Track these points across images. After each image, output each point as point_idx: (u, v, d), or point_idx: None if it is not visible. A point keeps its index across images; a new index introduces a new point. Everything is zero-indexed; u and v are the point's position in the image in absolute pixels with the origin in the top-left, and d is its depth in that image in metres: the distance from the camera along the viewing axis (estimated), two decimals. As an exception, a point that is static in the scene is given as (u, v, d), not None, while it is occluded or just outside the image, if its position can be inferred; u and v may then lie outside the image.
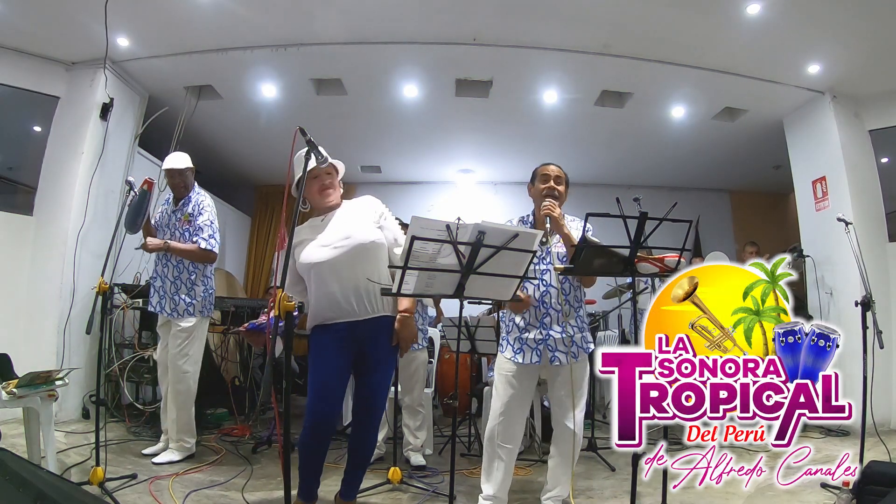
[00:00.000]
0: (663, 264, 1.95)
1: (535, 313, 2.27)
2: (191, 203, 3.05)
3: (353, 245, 2.01)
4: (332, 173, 2.15)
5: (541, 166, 2.42)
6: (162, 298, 2.98)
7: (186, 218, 3.01)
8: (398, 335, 2.07)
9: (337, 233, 2.05)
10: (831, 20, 3.47)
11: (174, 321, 2.96)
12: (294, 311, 1.54)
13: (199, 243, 2.95)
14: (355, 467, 2.15)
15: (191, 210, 3.02)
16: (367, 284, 2.00)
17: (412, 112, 4.98)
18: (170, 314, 2.96)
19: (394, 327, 2.08)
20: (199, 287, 3.00)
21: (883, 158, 4.42)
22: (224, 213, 6.11)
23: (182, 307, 2.96)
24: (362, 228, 2.06)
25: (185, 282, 2.97)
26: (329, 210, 2.15)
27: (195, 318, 2.99)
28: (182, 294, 2.96)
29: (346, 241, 2.01)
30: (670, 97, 4.67)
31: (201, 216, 3.00)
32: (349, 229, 2.05)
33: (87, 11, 3.49)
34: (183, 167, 3.05)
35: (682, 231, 1.98)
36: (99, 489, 2.28)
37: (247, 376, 4.22)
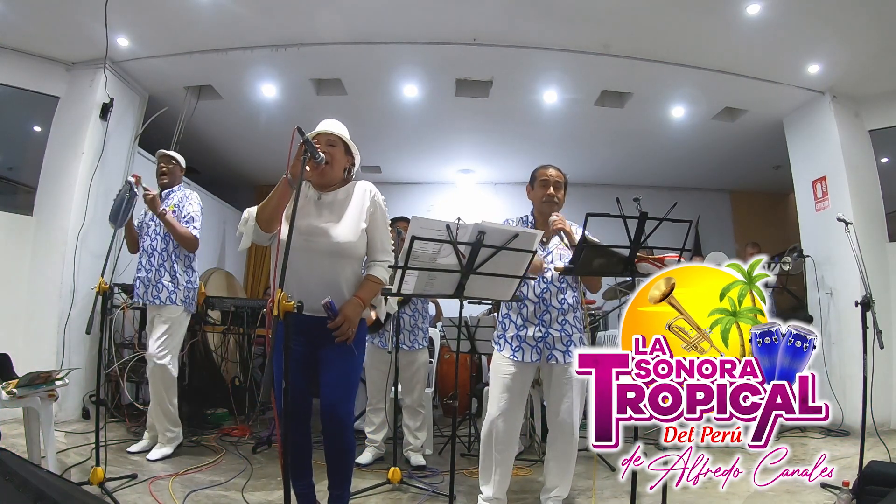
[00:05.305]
0: (663, 264, 1.95)
1: (535, 310, 2.27)
2: (177, 196, 3.14)
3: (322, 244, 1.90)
4: (336, 145, 1.99)
5: (540, 169, 2.41)
6: (147, 287, 3.02)
7: (172, 208, 3.08)
8: (341, 310, 1.86)
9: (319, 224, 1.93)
10: (831, 20, 3.47)
11: (156, 312, 3.01)
12: (294, 311, 1.53)
13: (190, 230, 3.05)
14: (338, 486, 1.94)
15: (178, 202, 3.11)
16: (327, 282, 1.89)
17: (412, 112, 4.98)
18: (151, 301, 3.00)
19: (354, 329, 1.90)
20: (181, 276, 3.06)
21: (883, 158, 4.43)
22: (224, 213, 6.12)
23: (165, 294, 3.00)
24: (341, 227, 1.93)
25: (168, 269, 3.03)
26: (325, 187, 2.00)
27: (177, 309, 3.02)
28: (165, 280, 3.01)
29: (321, 238, 1.90)
30: (670, 97, 4.67)
31: (191, 206, 3.10)
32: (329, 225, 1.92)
33: (87, 11, 3.49)
34: (174, 155, 3.21)
35: (682, 231, 1.98)
36: (99, 489, 2.28)
37: (247, 376, 4.22)
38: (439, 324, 4.13)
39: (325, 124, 2.02)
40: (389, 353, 3.06)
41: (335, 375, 1.90)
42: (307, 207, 1.96)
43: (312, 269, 1.89)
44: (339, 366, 1.91)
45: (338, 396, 1.89)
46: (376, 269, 2.00)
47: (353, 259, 1.97)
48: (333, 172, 1.99)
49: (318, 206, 1.97)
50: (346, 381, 1.94)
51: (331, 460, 1.93)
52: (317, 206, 1.98)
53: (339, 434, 1.89)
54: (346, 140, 2.03)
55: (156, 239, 3.07)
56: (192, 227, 3.05)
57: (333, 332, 1.84)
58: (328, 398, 1.88)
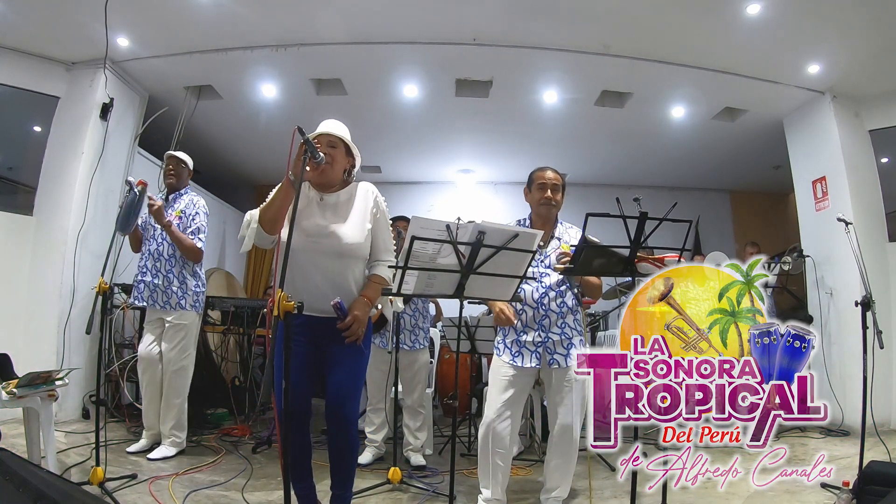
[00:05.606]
0: (663, 264, 1.95)
1: (534, 315, 2.27)
2: (184, 201, 3.12)
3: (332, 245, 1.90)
4: (336, 146, 1.98)
5: (537, 172, 2.40)
6: (154, 292, 3.02)
7: (178, 214, 3.07)
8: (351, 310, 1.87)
9: (326, 225, 1.93)
10: (831, 20, 3.47)
11: (167, 317, 3.02)
12: (294, 311, 1.53)
13: (196, 242, 3.04)
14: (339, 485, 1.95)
15: (184, 207, 3.09)
16: (335, 283, 1.90)
17: (412, 112, 4.97)
18: (163, 306, 3.01)
19: None
20: (190, 281, 3.07)
21: (883, 158, 4.42)
22: (224, 213, 6.11)
23: (175, 300, 3.02)
24: (348, 228, 1.94)
25: (177, 275, 3.05)
26: (326, 188, 1.99)
27: (190, 314, 3.06)
28: (174, 286, 3.02)
29: (328, 240, 1.90)
30: (670, 97, 4.67)
31: (198, 216, 3.09)
32: (336, 226, 1.93)
33: (87, 11, 3.48)
34: (183, 157, 3.19)
35: (682, 231, 1.98)
36: (99, 489, 2.28)
37: (247, 376, 4.22)
38: (439, 324, 4.13)
39: (326, 125, 2.02)
40: (390, 353, 3.06)
41: (344, 374, 1.90)
42: (310, 208, 1.96)
43: (320, 269, 1.90)
44: (348, 365, 1.91)
45: (345, 395, 1.89)
46: (380, 268, 2.02)
47: (359, 259, 1.98)
48: (334, 173, 1.99)
49: (321, 207, 1.97)
50: (354, 380, 1.95)
51: (334, 459, 1.93)
52: (320, 206, 1.98)
53: (344, 433, 1.90)
54: (347, 141, 2.02)
55: (162, 244, 3.06)
56: (197, 239, 3.04)
57: (343, 332, 1.84)
58: (335, 397, 1.88)
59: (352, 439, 1.92)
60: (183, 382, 3.04)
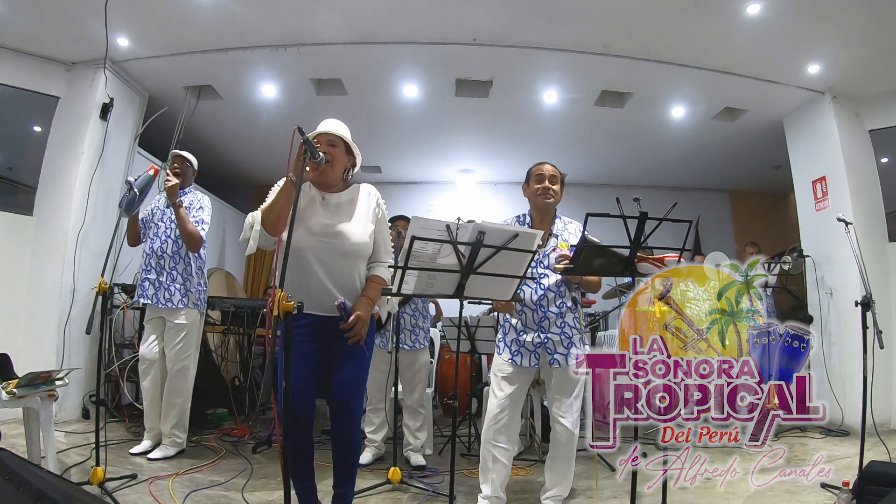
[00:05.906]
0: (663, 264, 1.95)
1: (533, 316, 2.27)
2: (187, 198, 3.13)
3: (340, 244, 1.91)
4: (337, 145, 1.99)
5: (535, 166, 2.42)
6: (157, 290, 3.02)
7: None
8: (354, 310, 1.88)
9: (333, 225, 1.93)
10: (831, 20, 3.47)
11: (169, 317, 3.02)
12: (294, 311, 1.53)
13: (199, 230, 3.06)
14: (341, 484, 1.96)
15: (188, 205, 3.10)
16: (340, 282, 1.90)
17: (412, 112, 4.97)
18: (164, 304, 3.00)
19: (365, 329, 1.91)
20: (192, 279, 3.08)
21: (883, 158, 4.42)
22: (224, 213, 6.11)
23: (177, 298, 3.02)
24: (354, 227, 1.95)
25: (180, 272, 3.05)
26: (327, 188, 2.00)
27: (192, 313, 3.06)
28: (177, 284, 3.03)
29: (336, 239, 1.91)
30: (670, 97, 4.67)
31: (202, 210, 3.11)
32: (342, 225, 1.93)
33: (87, 11, 3.48)
34: (188, 157, 3.20)
35: (682, 231, 1.98)
36: (99, 489, 2.28)
37: (247, 376, 4.23)
38: (439, 324, 4.13)
39: (326, 124, 2.02)
40: (390, 353, 3.06)
41: (348, 374, 1.92)
42: (313, 207, 1.96)
43: (327, 269, 1.90)
44: (351, 364, 1.93)
45: (349, 394, 1.92)
46: (380, 269, 2.03)
47: (363, 259, 2.00)
48: (334, 172, 1.99)
49: (324, 207, 1.98)
50: (358, 379, 1.98)
51: (337, 457, 1.95)
52: (323, 206, 1.98)
53: (348, 432, 1.92)
54: (347, 140, 2.03)
55: (166, 242, 3.05)
56: (200, 228, 3.05)
57: (346, 332, 1.85)
58: (340, 395, 1.91)
59: (355, 436, 1.95)
60: (185, 382, 3.04)
